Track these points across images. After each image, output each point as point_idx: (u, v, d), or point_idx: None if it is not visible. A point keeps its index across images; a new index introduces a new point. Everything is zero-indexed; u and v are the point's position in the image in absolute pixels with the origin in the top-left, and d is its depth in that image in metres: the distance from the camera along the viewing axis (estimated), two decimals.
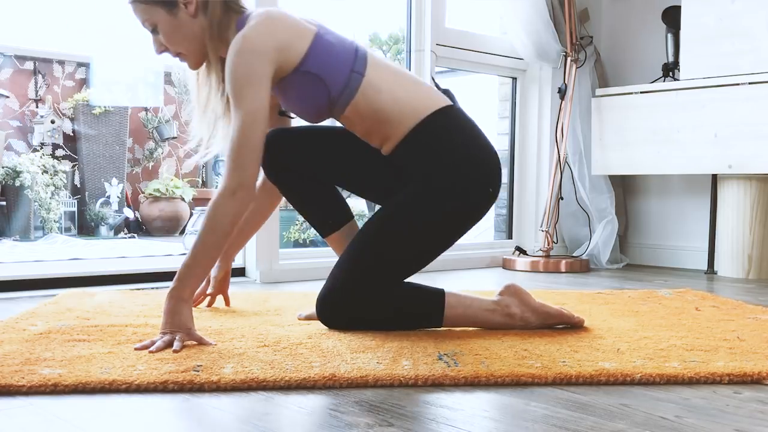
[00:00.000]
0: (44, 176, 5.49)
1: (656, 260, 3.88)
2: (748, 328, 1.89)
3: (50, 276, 2.59)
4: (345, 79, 1.71)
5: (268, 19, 1.69)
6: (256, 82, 1.63)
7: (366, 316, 1.75)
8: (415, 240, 1.75)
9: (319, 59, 1.71)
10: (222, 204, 1.62)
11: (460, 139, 1.77)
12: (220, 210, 1.62)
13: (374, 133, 1.78)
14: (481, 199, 1.78)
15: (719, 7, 3.20)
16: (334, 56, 1.72)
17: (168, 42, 1.75)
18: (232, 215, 1.63)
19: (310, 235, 4.77)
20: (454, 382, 1.35)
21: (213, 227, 1.62)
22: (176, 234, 6.12)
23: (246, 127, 1.62)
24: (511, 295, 1.80)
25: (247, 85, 1.63)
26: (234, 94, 1.64)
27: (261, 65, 1.64)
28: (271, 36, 1.67)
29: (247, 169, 1.63)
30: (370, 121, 1.75)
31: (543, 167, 3.88)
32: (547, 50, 3.65)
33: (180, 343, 1.52)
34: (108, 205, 5.98)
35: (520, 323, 1.79)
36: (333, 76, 1.71)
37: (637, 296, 2.50)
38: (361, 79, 1.73)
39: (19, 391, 1.25)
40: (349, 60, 1.73)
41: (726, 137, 3.17)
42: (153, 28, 1.75)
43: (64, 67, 6.21)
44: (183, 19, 1.72)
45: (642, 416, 1.18)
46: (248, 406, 1.22)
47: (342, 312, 1.75)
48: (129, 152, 6.42)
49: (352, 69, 1.72)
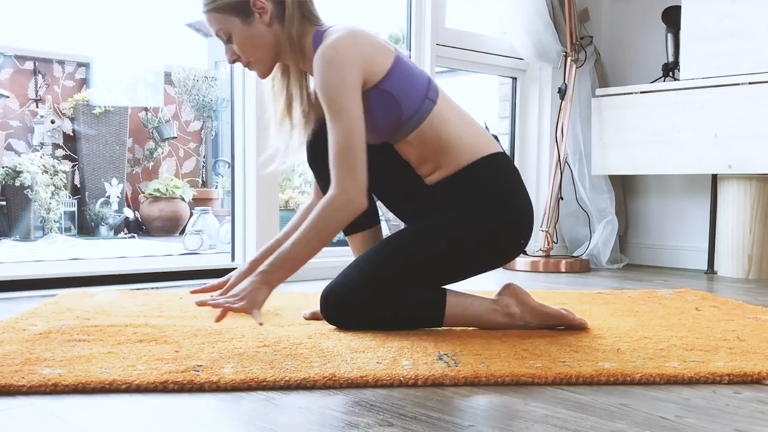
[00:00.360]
0: (44, 176, 5.49)
1: (656, 260, 3.88)
2: (748, 328, 1.89)
3: (50, 276, 2.59)
4: (418, 104, 1.74)
5: (354, 32, 1.72)
6: (350, 90, 1.66)
7: (369, 315, 1.75)
8: (439, 261, 1.76)
9: (398, 80, 1.73)
10: (332, 213, 1.65)
11: (508, 187, 1.81)
12: (332, 218, 1.65)
13: (429, 161, 1.80)
14: (511, 246, 1.83)
15: (719, 7, 3.20)
16: (412, 80, 1.75)
17: (242, 51, 1.76)
18: (340, 223, 1.67)
19: None
20: (454, 382, 1.35)
21: (319, 230, 1.65)
22: (176, 234, 6.12)
23: (348, 135, 1.65)
24: (510, 295, 1.81)
25: (342, 94, 1.65)
26: (330, 104, 1.66)
27: (353, 74, 1.67)
28: (359, 48, 1.70)
29: (357, 178, 1.65)
30: (430, 149, 1.78)
31: (543, 167, 3.88)
32: (547, 50, 3.65)
33: (260, 318, 1.58)
34: (108, 205, 5.98)
35: (521, 323, 1.80)
36: (408, 98, 1.74)
37: (637, 296, 2.50)
38: (432, 107, 1.76)
39: (19, 391, 1.25)
40: (423, 87, 1.76)
41: (726, 137, 3.17)
42: (227, 38, 1.77)
43: (64, 67, 6.21)
44: (258, 28, 1.74)
45: (642, 416, 1.18)
46: (248, 406, 1.22)
47: (346, 309, 1.76)
48: (129, 152, 6.42)
49: (426, 96, 1.76)
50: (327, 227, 1.65)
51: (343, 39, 1.69)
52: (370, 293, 1.74)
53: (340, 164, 1.65)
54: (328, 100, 1.66)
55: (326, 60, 1.66)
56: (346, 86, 1.65)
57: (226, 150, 6.89)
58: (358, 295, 1.75)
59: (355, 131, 1.65)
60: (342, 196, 1.65)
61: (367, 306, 1.75)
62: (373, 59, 1.71)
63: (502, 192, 1.80)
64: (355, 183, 1.65)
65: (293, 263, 1.66)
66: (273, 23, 1.75)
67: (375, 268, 1.76)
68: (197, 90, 6.73)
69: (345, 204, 1.65)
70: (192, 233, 4.34)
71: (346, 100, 1.65)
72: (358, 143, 1.65)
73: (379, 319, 1.74)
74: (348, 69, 1.66)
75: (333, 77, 1.65)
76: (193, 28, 8.98)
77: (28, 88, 6.01)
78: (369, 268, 1.76)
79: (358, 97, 1.67)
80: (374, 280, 1.74)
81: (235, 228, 2.99)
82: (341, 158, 1.65)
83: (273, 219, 2.94)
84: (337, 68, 1.65)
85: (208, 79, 6.81)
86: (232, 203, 3.01)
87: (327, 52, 1.67)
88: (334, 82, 1.65)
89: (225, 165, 6.66)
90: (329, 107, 1.66)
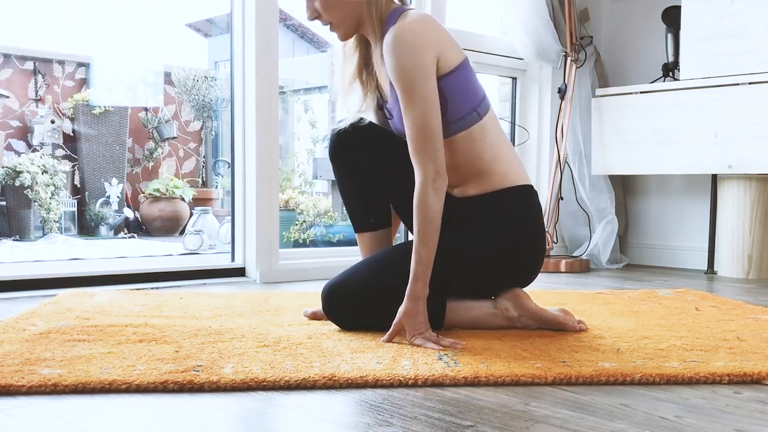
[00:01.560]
0: (44, 176, 5.49)
1: (656, 260, 3.88)
2: (748, 328, 1.89)
3: (50, 276, 2.59)
4: (465, 113, 1.74)
5: (432, 20, 1.73)
6: (427, 73, 1.65)
7: (372, 314, 1.75)
8: (446, 274, 1.74)
9: (457, 82, 1.73)
10: (428, 194, 1.65)
11: (533, 223, 1.83)
12: (429, 200, 1.65)
13: (457, 173, 1.78)
14: (518, 279, 1.84)
15: (719, 7, 3.20)
16: (469, 88, 1.75)
17: (324, 10, 1.76)
18: (439, 200, 1.66)
19: (310, 235, 4.77)
20: (454, 382, 1.35)
21: (426, 219, 1.65)
22: (176, 234, 6.11)
23: (425, 117, 1.65)
24: (509, 299, 1.81)
25: (420, 77, 1.64)
26: (406, 86, 1.65)
27: (430, 58, 1.67)
28: (437, 34, 1.70)
29: (437, 158, 1.65)
30: (460, 160, 1.77)
31: (543, 167, 3.88)
32: (547, 50, 3.65)
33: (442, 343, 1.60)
34: (108, 205, 5.98)
35: (519, 326, 1.80)
36: (458, 104, 1.73)
37: (637, 296, 2.50)
38: (477, 121, 1.76)
39: (19, 391, 1.25)
40: (477, 100, 1.77)
41: (726, 137, 3.17)
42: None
43: (64, 67, 6.21)
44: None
45: (642, 416, 1.18)
46: (248, 406, 1.22)
47: (350, 307, 1.76)
48: (129, 152, 6.42)
49: (476, 109, 1.76)
50: (432, 210, 1.65)
51: (421, 22, 1.68)
52: (375, 294, 1.75)
53: (419, 148, 1.66)
54: (405, 84, 1.65)
55: (404, 40, 1.65)
56: (423, 69, 1.65)
57: (226, 150, 6.89)
58: (364, 294, 1.75)
59: (432, 114, 1.65)
60: (428, 181, 1.65)
61: (371, 305, 1.75)
62: (447, 51, 1.71)
63: (526, 225, 1.81)
64: (436, 163, 1.65)
65: (425, 267, 1.66)
66: None
67: (385, 271, 1.77)
68: (197, 90, 6.73)
69: (434, 186, 1.65)
70: (192, 233, 4.34)
71: (423, 84, 1.64)
72: (435, 124, 1.65)
73: (380, 320, 1.75)
74: (425, 52, 1.66)
75: (410, 59, 1.64)
76: (193, 28, 8.98)
77: (28, 88, 6.01)
78: (379, 270, 1.77)
79: (434, 81, 1.67)
80: (382, 281, 1.75)
81: (235, 228, 2.99)
82: (420, 141, 1.65)
83: (273, 219, 2.94)
84: (414, 50, 1.64)
85: (208, 79, 6.81)
86: (232, 203, 3.01)
87: (405, 34, 1.65)
88: (410, 65, 1.64)
89: (225, 165, 6.66)
90: (404, 91, 1.66)
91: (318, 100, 6.41)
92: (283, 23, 8.64)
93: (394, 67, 1.66)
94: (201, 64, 7.78)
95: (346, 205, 2.00)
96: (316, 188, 6.01)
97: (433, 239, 1.66)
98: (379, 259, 1.82)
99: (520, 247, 1.80)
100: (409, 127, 1.66)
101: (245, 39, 2.91)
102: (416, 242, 1.66)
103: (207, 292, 2.48)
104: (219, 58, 8.10)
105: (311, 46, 9.16)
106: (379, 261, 1.82)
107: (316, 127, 6.07)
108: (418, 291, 1.65)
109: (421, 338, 1.61)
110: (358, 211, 1.97)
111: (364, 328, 1.76)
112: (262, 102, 2.88)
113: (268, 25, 2.90)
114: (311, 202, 4.99)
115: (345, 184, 1.96)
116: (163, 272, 2.81)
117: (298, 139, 6.33)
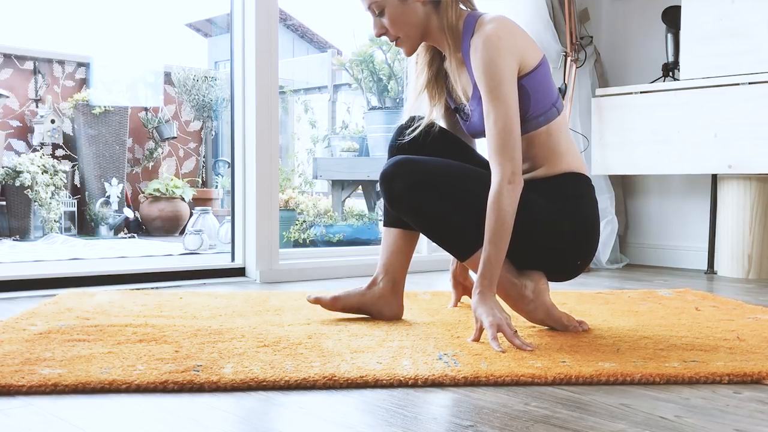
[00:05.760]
0: (44, 176, 5.49)
1: (656, 260, 3.88)
2: (748, 328, 1.89)
3: (50, 276, 2.59)
4: (546, 108, 1.79)
5: (511, 22, 1.79)
6: (511, 78, 1.72)
7: (424, 201, 1.76)
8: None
9: (538, 80, 1.78)
10: (503, 194, 1.68)
11: (588, 208, 1.84)
12: (503, 200, 1.68)
13: (529, 163, 1.83)
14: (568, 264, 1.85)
15: (719, 7, 3.20)
16: (548, 85, 1.81)
17: (392, 26, 1.81)
18: (513, 202, 1.69)
19: (310, 235, 4.77)
20: (454, 382, 1.35)
21: (500, 218, 1.67)
22: (176, 234, 6.11)
23: (508, 120, 1.70)
24: (533, 280, 1.80)
25: (505, 81, 1.70)
26: (492, 91, 1.70)
27: (514, 63, 1.73)
28: (519, 39, 1.76)
29: (515, 159, 1.70)
30: (536, 151, 1.81)
31: None
32: (547, 50, 3.65)
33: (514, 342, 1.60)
34: (108, 205, 5.98)
35: (527, 310, 1.80)
36: (539, 100, 1.78)
37: (637, 296, 2.50)
38: (556, 116, 1.81)
39: (19, 391, 1.25)
40: (554, 95, 1.82)
41: (726, 137, 3.17)
42: (380, 11, 1.81)
43: (64, 67, 6.21)
44: (412, 5, 1.79)
45: (642, 416, 1.18)
46: (248, 406, 1.22)
47: (413, 185, 1.77)
48: (129, 152, 6.42)
49: (554, 104, 1.81)
50: (507, 209, 1.67)
51: (505, 28, 1.74)
52: (437, 190, 1.76)
53: (499, 149, 1.70)
54: (491, 86, 1.70)
55: (492, 46, 1.70)
56: (508, 74, 1.71)
57: (226, 150, 6.89)
58: (429, 181, 1.76)
59: (514, 117, 1.70)
60: (504, 180, 1.68)
61: (428, 194, 1.76)
62: (527, 53, 1.76)
63: (585, 208, 1.83)
64: (513, 164, 1.69)
65: (494, 267, 1.67)
66: (427, 2, 1.80)
67: (458, 177, 1.79)
68: (197, 90, 6.73)
69: (509, 186, 1.68)
70: (192, 233, 4.34)
71: (508, 88, 1.70)
72: (515, 127, 1.70)
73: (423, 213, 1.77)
74: (510, 58, 1.72)
75: (498, 65, 1.70)
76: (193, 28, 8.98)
77: (28, 88, 6.01)
78: (454, 175, 1.79)
79: (515, 85, 1.72)
80: (451, 183, 1.77)
81: (235, 228, 2.99)
82: (501, 143, 1.70)
83: (273, 219, 2.94)
84: (501, 55, 1.70)
85: (208, 79, 6.81)
86: (232, 203, 3.01)
87: (493, 40, 1.71)
88: (497, 69, 1.70)
89: (225, 165, 6.66)
90: (490, 93, 1.71)
91: (318, 100, 6.42)
92: (283, 23, 8.65)
93: (482, 71, 1.71)
94: (201, 64, 7.79)
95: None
96: (316, 188, 6.02)
97: (504, 240, 1.68)
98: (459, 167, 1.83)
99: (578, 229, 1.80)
100: (491, 127, 1.71)
101: (245, 39, 2.91)
102: (486, 241, 1.68)
103: (207, 292, 2.48)
104: (219, 58, 8.10)
105: (311, 46, 9.17)
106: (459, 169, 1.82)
107: (316, 127, 6.07)
108: (484, 287, 1.66)
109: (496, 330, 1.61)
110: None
111: (406, 213, 1.80)
112: (262, 102, 2.88)
113: (268, 25, 2.90)
114: (311, 202, 4.99)
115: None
116: (163, 272, 2.81)
117: (298, 139, 6.33)
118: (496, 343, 1.58)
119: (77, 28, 6.79)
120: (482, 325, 1.64)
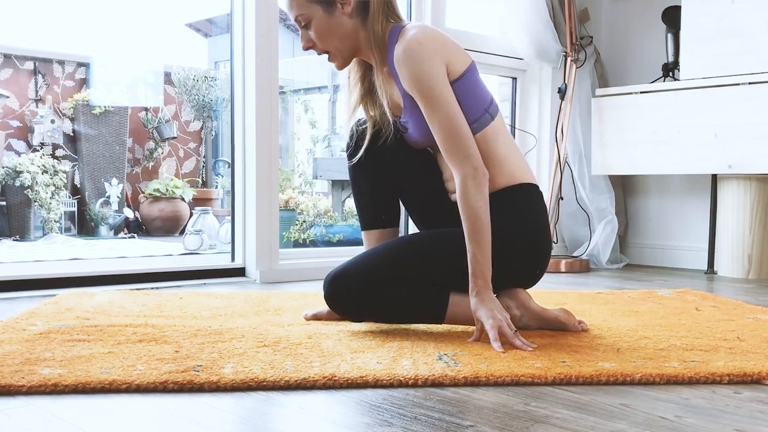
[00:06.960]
0: (44, 176, 5.49)
1: (656, 260, 3.88)
2: (748, 328, 1.89)
3: (50, 276, 2.59)
4: (478, 115, 1.76)
5: (434, 30, 1.76)
6: (441, 79, 1.69)
7: (375, 303, 1.75)
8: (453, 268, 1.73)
9: (466, 86, 1.75)
10: (469, 191, 1.66)
11: (536, 218, 1.83)
12: (470, 197, 1.66)
13: None
14: (526, 275, 1.84)
15: (719, 7, 3.20)
16: (478, 91, 1.78)
17: (319, 39, 1.78)
18: (482, 195, 1.67)
19: (309, 235, 4.77)
20: (454, 382, 1.35)
21: (473, 214, 1.66)
22: (176, 234, 6.12)
23: (450, 120, 1.68)
24: (511, 297, 1.81)
25: (436, 84, 1.68)
26: (426, 94, 1.68)
27: (441, 66, 1.70)
28: (442, 44, 1.73)
29: (471, 155, 1.68)
30: None
31: (543, 167, 3.88)
32: (547, 50, 3.65)
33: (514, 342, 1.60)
34: (108, 205, 5.98)
35: (520, 325, 1.80)
36: (471, 107, 1.75)
37: (637, 296, 2.50)
38: (489, 122, 1.78)
39: (19, 391, 1.25)
40: (486, 101, 1.79)
41: (726, 137, 3.17)
42: (306, 23, 1.78)
43: (64, 67, 6.21)
44: (338, 18, 1.76)
45: (642, 416, 1.18)
46: (248, 406, 1.22)
47: (354, 294, 1.74)
48: (129, 152, 6.42)
49: (487, 110, 1.78)
50: (476, 206, 1.66)
51: (426, 33, 1.71)
52: (378, 283, 1.73)
53: (451, 149, 1.68)
54: (424, 90, 1.68)
55: (414, 53, 1.68)
56: (437, 76, 1.68)
57: (226, 150, 6.89)
58: (370, 280, 1.73)
59: (456, 114, 1.68)
60: (467, 178, 1.67)
61: (375, 293, 1.74)
62: (453, 57, 1.74)
63: (530, 222, 1.81)
64: (471, 160, 1.67)
65: (482, 264, 1.66)
66: (354, 16, 1.77)
67: (392, 260, 1.76)
68: (197, 90, 6.74)
69: (474, 182, 1.66)
70: (192, 233, 4.34)
71: (441, 88, 1.68)
72: (461, 123, 1.68)
73: (383, 310, 1.75)
74: (435, 59, 1.69)
75: (423, 69, 1.67)
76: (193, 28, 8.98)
77: (28, 88, 6.01)
78: (386, 258, 1.76)
79: (448, 83, 1.70)
80: (388, 270, 1.74)
81: (235, 228, 2.99)
82: (451, 144, 1.68)
83: (273, 219, 2.94)
84: (426, 59, 1.68)
85: (208, 79, 6.81)
86: (232, 203, 3.01)
87: (413, 46, 1.68)
88: (425, 73, 1.67)
89: (225, 165, 6.66)
90: (425, 97, 1.68)
91: (318, 100, 6.42)
92: (283, 23, 8.64)
93: (410, 78, 1.69)
94: (201, 64, 7.79)
95: (358, 201, 2.00)
96: (316, 188, 6.02)
97: (485, 235, 1.67)
98: (386, 246, 1.82)
99: (526, 244, 1.79)
100: (437, 132, 1.69)
101: (245, 39, 2.91)
102: (468, 241, 1.67)
103: (207, 292, 2.48)
104: (219, 58, 8.11)
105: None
106: (387, 248, 1.80)
107: (316, 127, 6.07)
108: (480, 286, 1.66)
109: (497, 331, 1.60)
110: (369, 208, 1.96)
111: (368, 318, 1.76)
112: (262, 102, 2.88)
113: (268, 25, 2.90)
114: (311, 202, 4.99)
115: (362, 187, 1.96)
116: (163, 272, 2.81)
117: (298, 139, 6.33)
118: (498, 344, 1.58)
119: (77, 28, 6.80)
120: (483, 326, 1.65)
